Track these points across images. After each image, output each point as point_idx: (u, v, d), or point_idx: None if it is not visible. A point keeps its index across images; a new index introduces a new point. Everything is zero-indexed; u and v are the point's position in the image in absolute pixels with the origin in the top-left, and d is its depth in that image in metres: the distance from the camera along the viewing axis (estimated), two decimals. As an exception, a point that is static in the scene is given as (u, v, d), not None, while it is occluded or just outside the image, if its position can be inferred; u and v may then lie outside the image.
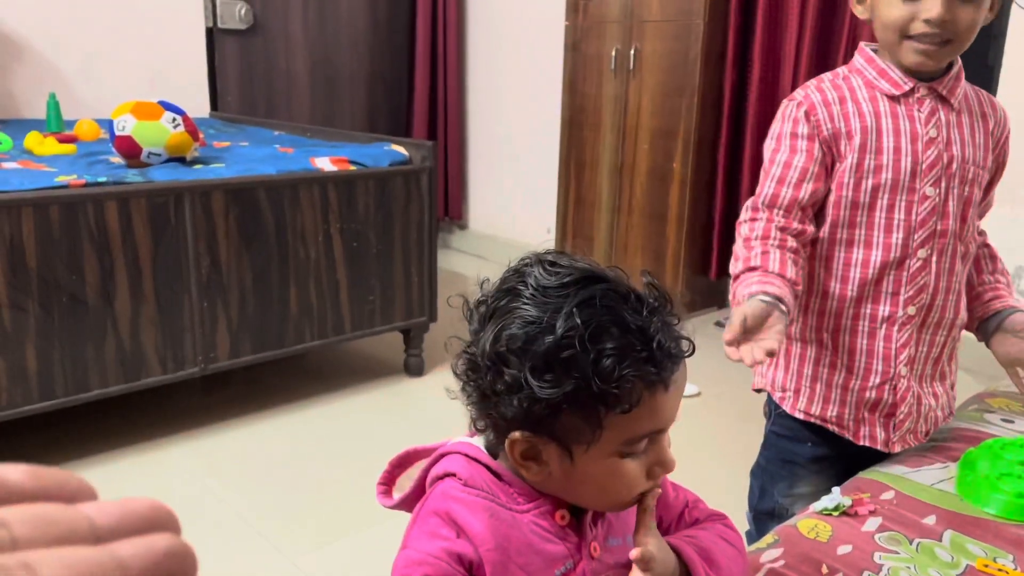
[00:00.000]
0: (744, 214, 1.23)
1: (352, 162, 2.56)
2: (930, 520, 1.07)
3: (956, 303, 1.23)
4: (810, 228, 1.20)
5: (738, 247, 1.19)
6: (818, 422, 1.25)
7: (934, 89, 1.17)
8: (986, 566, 0.98)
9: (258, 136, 3.13)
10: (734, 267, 1.17)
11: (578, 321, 0.65)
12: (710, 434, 1.54)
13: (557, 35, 3.75)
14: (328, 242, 2.48)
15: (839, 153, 1.18)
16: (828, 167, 1.19)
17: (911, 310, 1.18)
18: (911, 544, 1.02)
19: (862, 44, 1.22)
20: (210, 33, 3.82)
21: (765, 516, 1.31)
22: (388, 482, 0.83)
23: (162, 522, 0.24)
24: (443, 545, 0.71)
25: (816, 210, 1.22)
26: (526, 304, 0.68)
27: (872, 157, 1.16)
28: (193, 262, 2.22)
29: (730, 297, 1.17)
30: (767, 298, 1.05)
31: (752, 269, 1.13)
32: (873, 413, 1.22)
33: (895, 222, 1.16)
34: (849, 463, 1.25)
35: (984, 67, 3.59)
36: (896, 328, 1.19)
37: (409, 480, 0.82)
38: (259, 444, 2.38)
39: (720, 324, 3.38)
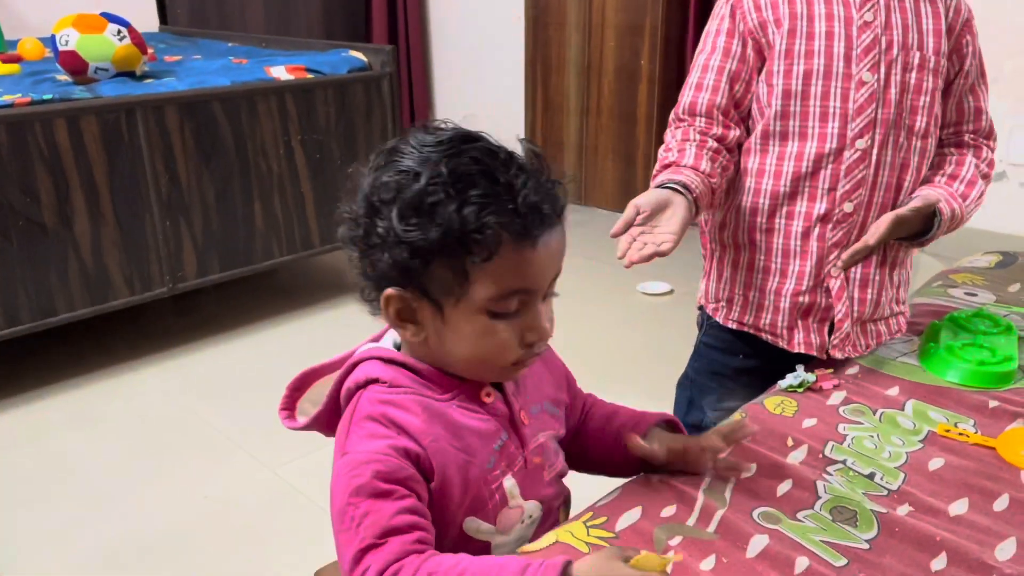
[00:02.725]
0: (668, 127, 1.19)
1: (309, 70, 2.48)
2: (893, 391, 1.09)
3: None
4: (733, 132, 1.14)
5: (659, 155, 1.15)
6: (751, 331, 1.21)
7: None
8: (947, 431, 1.00)
9: (211, 49, 3.02)
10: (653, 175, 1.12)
11: (444, 170, 0.68)
12: (679, 333, 1.54)
13: (517, -70, 3.62)
14: (290, 154, 2.43)
15: (768, 42, 1.10)
16: (753, 63, 1.12)
17: (848, 207, 1.10)
18: (875, 415, 1.04)
19: None
20: (153, -59, 3.65)
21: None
22: (290, 407, 0.83)
23: None
24: (388, 442, 0.71)
25: (745, 113, 1.15)
26: (403, 158, 0.70)
27: (803, 41, 1.08)
28: (151, 180, 2.17)
29: None
30: (671, 184, 1.02)
31: (666, 167, 1.11)
32: (807, 319, 1.17)
33: (830, 110, 1.08)
34: (780, 375, 1.16)
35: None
36: (831, 227, 1.12)
37: (310, 403, 0.82)
38: (234, 362, 2.37)
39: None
